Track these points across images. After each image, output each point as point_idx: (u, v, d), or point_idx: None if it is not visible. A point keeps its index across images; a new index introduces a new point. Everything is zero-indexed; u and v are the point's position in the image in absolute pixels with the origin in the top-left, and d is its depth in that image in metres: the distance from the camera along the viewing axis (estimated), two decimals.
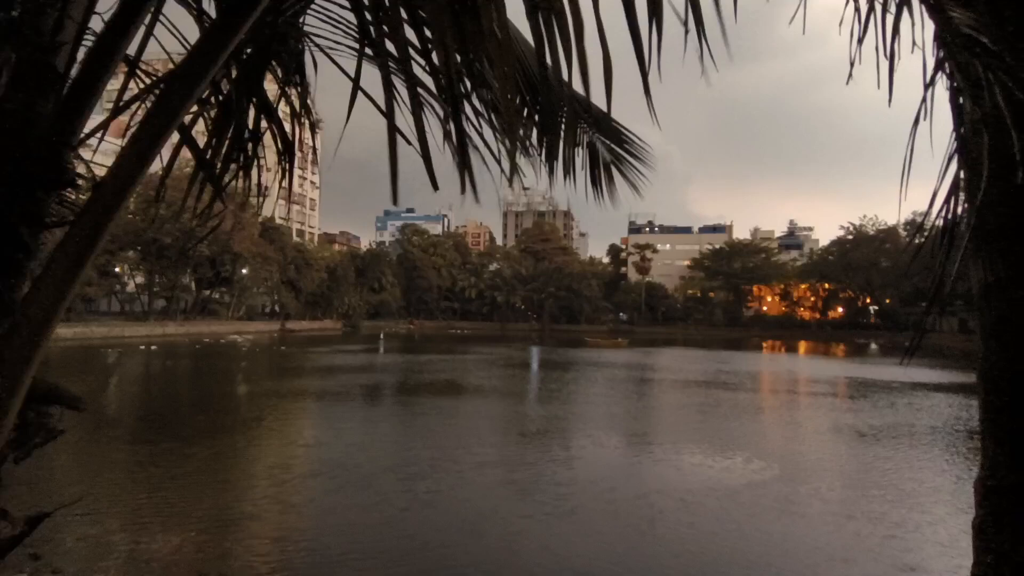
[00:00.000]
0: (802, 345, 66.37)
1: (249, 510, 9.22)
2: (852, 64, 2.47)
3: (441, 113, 2.26)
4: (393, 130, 1.77)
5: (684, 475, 11.55)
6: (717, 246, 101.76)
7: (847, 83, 2.53)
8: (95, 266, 50.41)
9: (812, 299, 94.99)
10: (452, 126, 2.09)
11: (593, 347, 54.16)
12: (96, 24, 2.01)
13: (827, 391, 25.38)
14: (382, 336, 65.59)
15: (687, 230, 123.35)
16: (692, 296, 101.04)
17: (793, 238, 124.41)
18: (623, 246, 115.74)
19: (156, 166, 2.88)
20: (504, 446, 13.91)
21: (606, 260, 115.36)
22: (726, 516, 9.20)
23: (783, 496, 10.25)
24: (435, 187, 1.81)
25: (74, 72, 1.85)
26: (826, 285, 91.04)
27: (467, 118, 2.29)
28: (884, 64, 2.41)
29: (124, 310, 60.88)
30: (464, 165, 1.97)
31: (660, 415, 19.99)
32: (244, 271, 63.59)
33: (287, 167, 2.88)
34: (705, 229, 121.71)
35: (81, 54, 1.90)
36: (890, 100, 2.49)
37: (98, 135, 2.28)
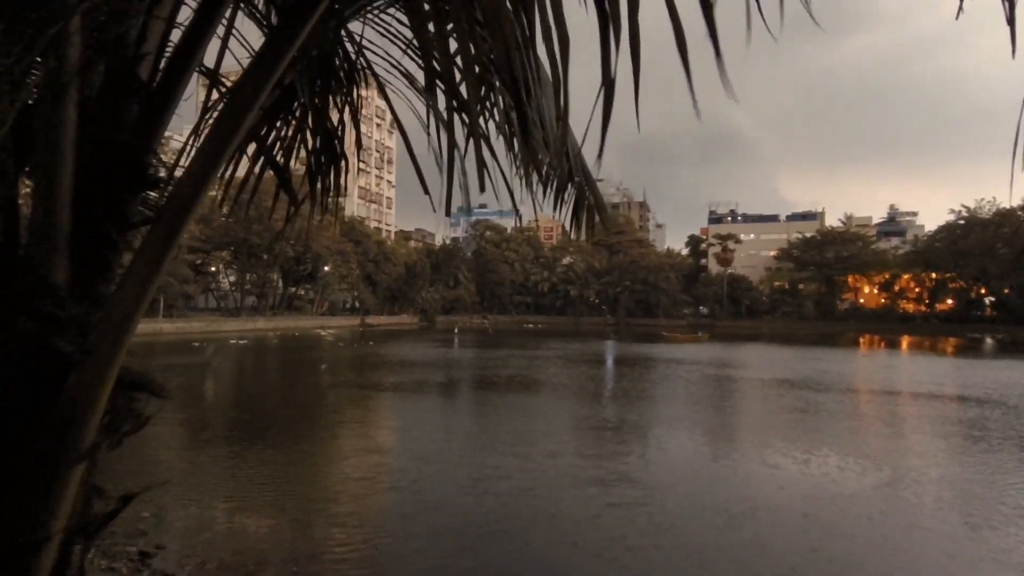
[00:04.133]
0: (905, 340, 61.51)
1: (335, 495, 9.56)
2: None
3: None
4: (451, 144, 1.80)
5: (796, 484, 10.37)
6: (808, 235, 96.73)
7: (957, 17, 2.23)
8: (191, 264, 54.07)
9: (917, 290, 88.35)
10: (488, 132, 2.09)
11: (671, 342, 52.47)
12: (176, 36, 2.15)
13: (934, 391, 22.95)
14: (456, 330, 66.70)
15: (773, 218, 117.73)
16: (779, 288, 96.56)
17: (894, 224, 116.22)
18: (703, 237, 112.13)
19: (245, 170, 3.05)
20: (600, 456, 12.23)
21: (685, 252, 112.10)
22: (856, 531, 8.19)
23: (906, 510, 9.19)
24: (482, 189, 1.85)
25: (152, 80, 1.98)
26: (932, 275, 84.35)
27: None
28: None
29: (219, 306, 64.91)
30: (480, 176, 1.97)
31: (750, 417, 18.57)
32: (326, 268, 66.40)
33: (347, 168, 2.97)
34: (793, 217, 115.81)
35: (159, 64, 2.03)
36: (1013, 50, 2.12)
37: (177, 139, 2.44)
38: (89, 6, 1.45)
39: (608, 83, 1.40)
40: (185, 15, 2.22)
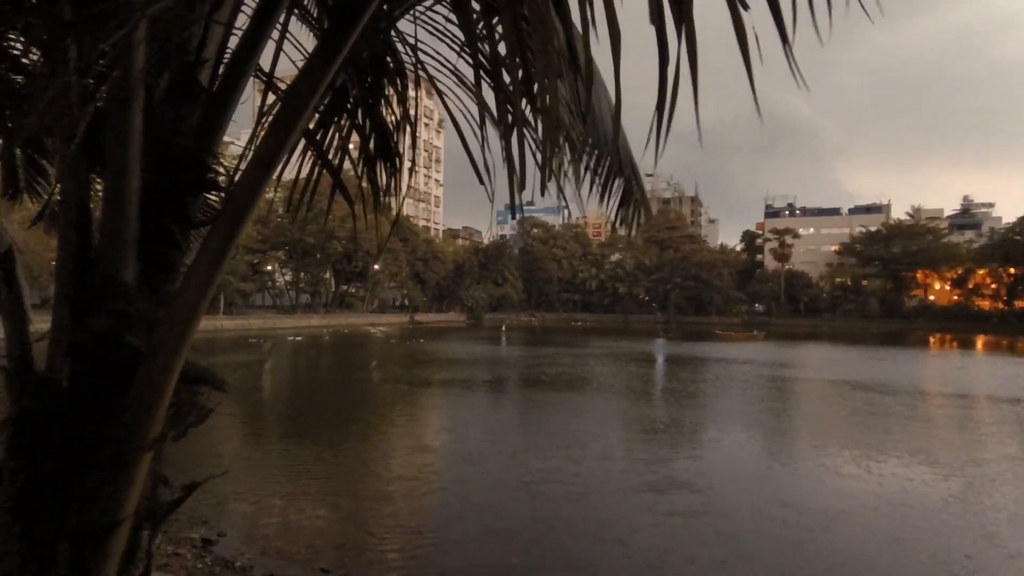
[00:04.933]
0: (980, 340, 57.74)
1: (384, 494, 9.63)
2: None
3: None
4: (510, 145, 1.80)
5: (868, 494, 9.71)
6: (872, 228, 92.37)
7: None
8: (249, 264, 56.05)
9: (993, 286, 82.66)
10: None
11: (725, 340, 51.05)
12: (233, 42, 2.23)
13: (1014, 395, 21.21)
14: (504, 328, 66.92)
15: (834, 212, 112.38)
16: (841, 285, 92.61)
17: (968, 216, 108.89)
18: (759, 232, 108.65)
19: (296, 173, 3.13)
20: (653, 461, 11.71)
21: (739, 247, 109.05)
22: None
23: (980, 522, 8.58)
24: (522, 186, 1.85)
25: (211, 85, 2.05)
26: (1011, 270, 78.71)
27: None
28: None
29: (275, 304, 67.06)
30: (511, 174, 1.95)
31: (812, 420, 17.47)
32: (376, 266, 67.73)
33: (394, 167, 3.00)
34: (857, 210, 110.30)
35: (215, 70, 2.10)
36: None
37: (236, 144, 2.53)
38: (153, 15, 1.51)
39: (663, 78, 1.36)
40: (241, 21, 2.30)
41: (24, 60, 3.90)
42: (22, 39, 3.65)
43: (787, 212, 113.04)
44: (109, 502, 1.77)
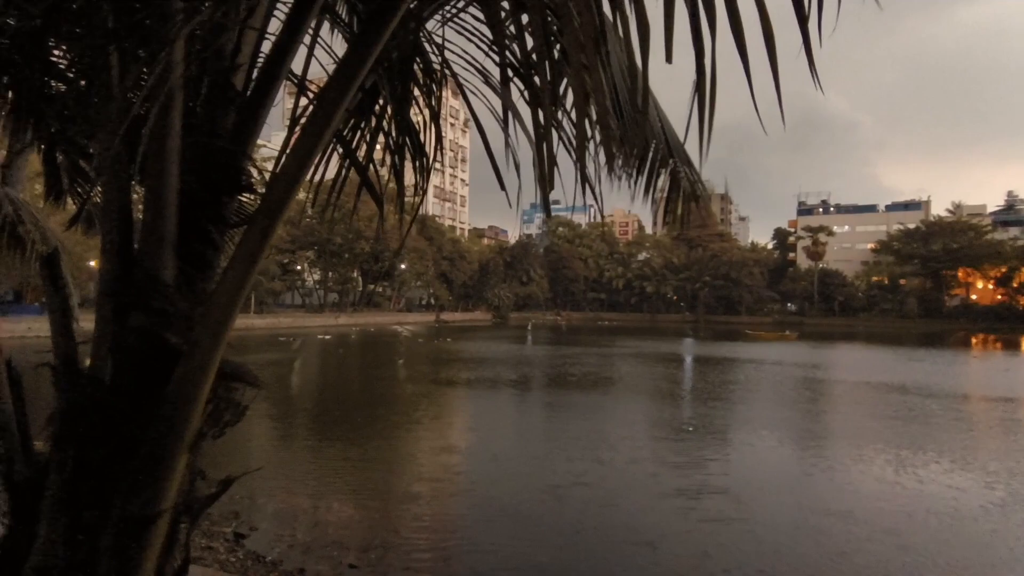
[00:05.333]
0: None
1: (410, 496, 9.56)
2: None
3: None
4: (543, 155, 1.81)
5: (912, 503, 9.31)
6: (911, 225, 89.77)
7: None
8: (279, 263, 57.03)
9: None
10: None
11: (756, 340, 50.19)
12: (266, 47, 2.28)
13: None
14: (530, 327, 66.98)
15: (870, 209, 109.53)
16: (877, 283, 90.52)
17: (1013, 213, 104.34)
18: (791, 230, 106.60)
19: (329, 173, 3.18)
20: (685, 465, 11.36)
21: (770, 246, 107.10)
22: None
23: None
24: (551, 186, 1.85)
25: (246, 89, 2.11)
26: None
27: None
28: None
29: (304, 303, 68.09)
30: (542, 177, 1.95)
31: (848, 423, 16.57)
32: (403, 266, 68.33)
33: (421, 166, 3.03)
34: (894, 207, 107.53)
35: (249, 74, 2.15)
36: None
37: (269, 146, 2.58)
38: (192, 25, 1.56)
39: (701, 72, 1.35)
40: (273, 27, 2.35)
41: (62, 65, 4.03)
42: (64, 47, 3.78)
43: (821, 209, 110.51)
44: (149, 495, 1.83)
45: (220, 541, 6.92)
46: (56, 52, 3.87)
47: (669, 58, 1.36)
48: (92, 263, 37.43)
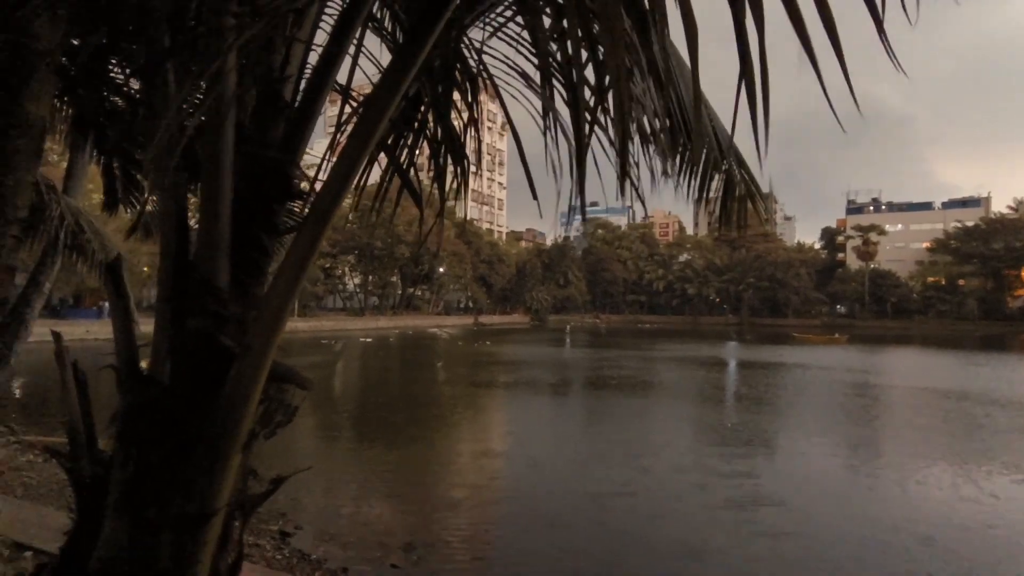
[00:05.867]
0: None
1: (450, 503, 9.55)
2: None
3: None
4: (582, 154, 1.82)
5: (980, 517, 8.74)
6: (970, 223, 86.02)
7: None
8: (321, 267, 58.27)
9: None
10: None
11: (803, 343, 48.80)
12: (313, 58, 2.35)
13: None
14: (568, 329, 66.70)
15: (925, 206, 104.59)
16: (934, 284, 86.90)
17: None
18: (840, 229, 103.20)
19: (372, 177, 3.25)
20: (734, 474, 10.82)
21: (818, 246, 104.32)
22: None
23: None
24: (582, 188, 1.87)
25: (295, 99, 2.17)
26: None
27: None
28: None
29: (345, 306, 69.39)
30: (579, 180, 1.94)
31: (906, 431, 15.66)
32: (441, 269, 69.02)
33: (461, 171, 3.07)
34: (951, 204, 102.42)
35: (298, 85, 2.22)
36: None
37: (315, 152, 2.66)
38: (244, 41, 1.63)
39: (749, 68, 1.32)
40: (319, 38, 2.42)
41: (120, 82, 4.22)
42: (122, 65, 3.96)
43: (871, 208, 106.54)
44: (205, 493, 1.91)
45: (267, 539, 7.10)
46: (114, 69, 4.06)
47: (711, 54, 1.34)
48: (145, 268, 38.98)
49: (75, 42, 3.33)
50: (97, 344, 21.53)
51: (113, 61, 3.92)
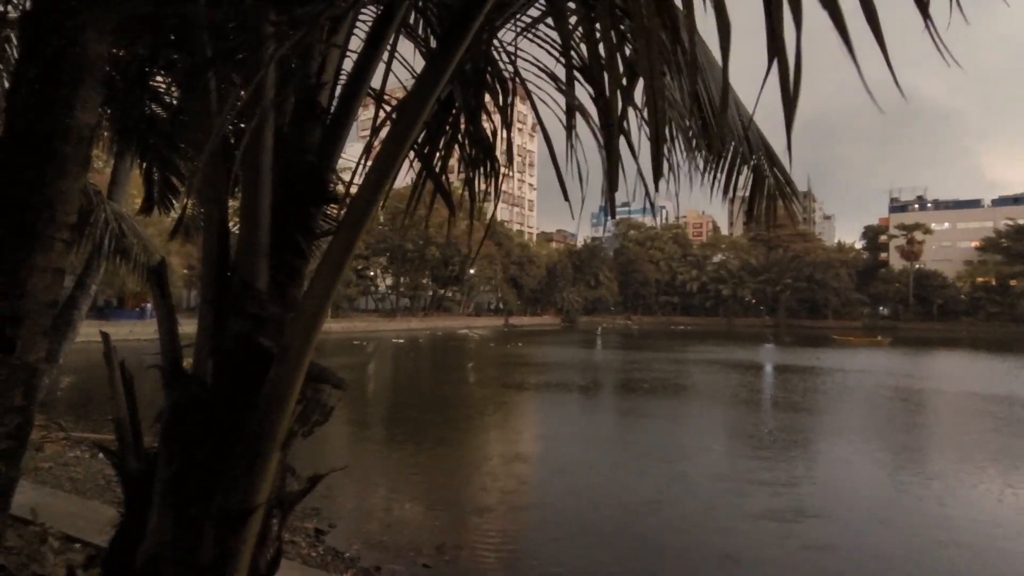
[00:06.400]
0: None
1: (485, 502, 9.57)
2: None
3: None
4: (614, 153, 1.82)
5: None
6: (1022, 221, 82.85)
7: None
8: (354, 269, 59.10)
9: None
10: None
11: (844, 346, 47.55)
12: (347, 65, 2.39)
13: None
14: (599, 331, 66.30)
15: (974, 204, 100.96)
16: (983, 285, 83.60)
17: None
18: (883, 227, 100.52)
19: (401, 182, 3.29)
20: (775, 483, 10.38)
21: (859, 245, 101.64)
22: None
23: None
24: (617, 188, 1.86)
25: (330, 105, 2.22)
26: None
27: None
28: None
29: (377, 308, 70.24)
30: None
31: (957, 439, 15.07)
32: (472, 271, 69.38)
33: (493, 172, 3.08)
34: (1002, 201, 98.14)
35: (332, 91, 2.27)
36: None
37: (359, 159, 2.71)
38: (284, 50, 1.67)
39: (780, 55, 1.28)
40: (353, 44, 2.46)
41: (163, 91, 4.36)
42: (164, 74, 4.08)
43: (916, 206, 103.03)
44: (246, 490, 1.96)
45: (302, 536, 7.23)
46: (156, 79, 4.19)
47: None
48: (185, 271, 40.09)
49: (120, 52, 3.45)
50: (140, 344, 22.17)
51: (155, 71, 4.05)
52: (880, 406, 19.87)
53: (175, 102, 4.38)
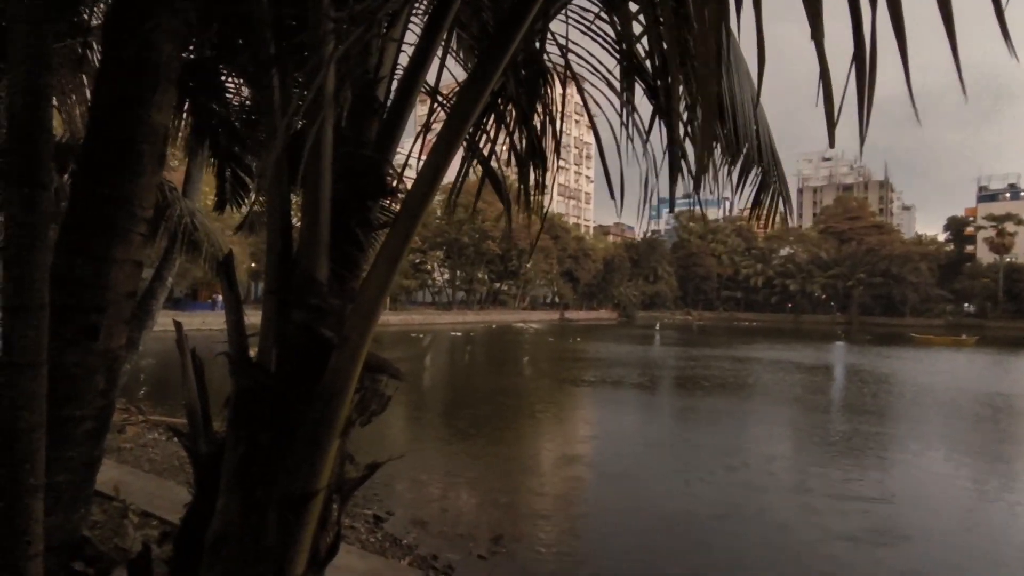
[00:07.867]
0: None
1: (539, 492, 9.58)
2: None
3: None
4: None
5: None
6: None
7: None
8: (411, 262, 60.22)
9: None
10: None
11: (924, 345, 44.66)
12: (403, 60, 2.43)
13: None
14: (658, 327, 65.11)
15: None
16: None
17: None
18: (969, 218, 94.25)
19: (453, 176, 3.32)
20: (858, 498, 9.50)
21: (942, 237, 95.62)
22: None
23: None
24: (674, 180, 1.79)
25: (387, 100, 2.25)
26: None
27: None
28: None
29: (434, 301, 71.38)
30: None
31: None
32: (528, 264, 69.51)
33: (545, 165, 3.06)
34: None
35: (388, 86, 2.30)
36: None
37: (412, 153, 2.75)
38: (345, 49, 1.71)
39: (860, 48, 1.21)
40: (407, 39, 2.50)
41: (229, 90, 4.55)
42: (232, 75, 4.26)
43: (1008, 195, 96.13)
44: (307, 475, 2.03)
45: (361, 522, 7.44)
46: (225, 80, 4.37)
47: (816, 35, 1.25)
48: (252, 264, 41.84)
49: (191, 55, 3.62)
50: (211, 334, 23.30)
51: (224, 72, 4.23)
52: (975, 413, 18.15)
53: (246, 101, 4.57)
